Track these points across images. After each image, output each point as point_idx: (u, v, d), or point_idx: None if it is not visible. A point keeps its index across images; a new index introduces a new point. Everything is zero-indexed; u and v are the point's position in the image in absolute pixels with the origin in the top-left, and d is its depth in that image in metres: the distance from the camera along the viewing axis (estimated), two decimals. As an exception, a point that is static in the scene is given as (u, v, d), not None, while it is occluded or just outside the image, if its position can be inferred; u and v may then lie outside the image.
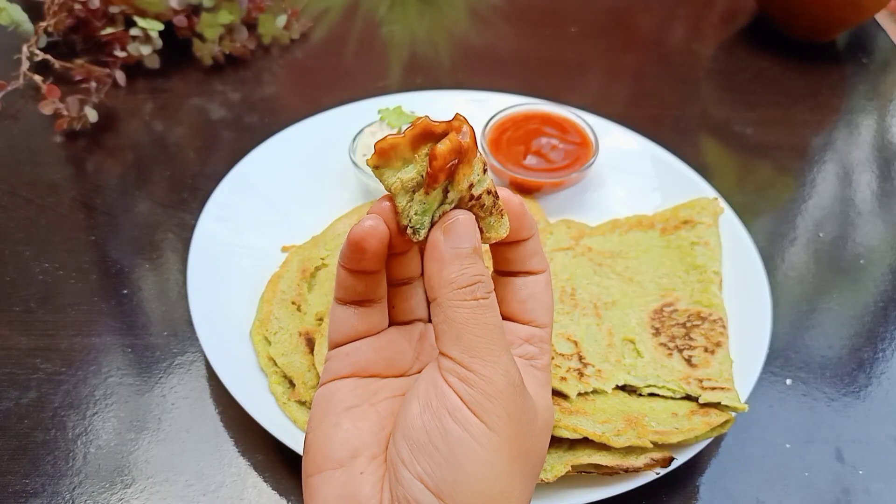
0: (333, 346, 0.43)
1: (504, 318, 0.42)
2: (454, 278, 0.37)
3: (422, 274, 0.41)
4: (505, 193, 0.41)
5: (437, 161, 0.36)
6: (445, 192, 0.38)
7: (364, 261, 0.40)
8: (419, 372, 0.42)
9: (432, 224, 0.39)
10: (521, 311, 0.43)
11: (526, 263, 0.43)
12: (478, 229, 0.39)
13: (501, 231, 0.40)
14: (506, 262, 0.43)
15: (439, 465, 0.35)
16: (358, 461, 0.38)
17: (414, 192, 0.38)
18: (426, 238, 0.39)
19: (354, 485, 0.37)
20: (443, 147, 0.36)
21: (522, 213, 0.42)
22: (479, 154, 0.38)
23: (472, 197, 0.38)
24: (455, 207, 0.39)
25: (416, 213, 0.38)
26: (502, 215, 0.40)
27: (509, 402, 0.36)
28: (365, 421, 0.40)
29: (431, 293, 0.38)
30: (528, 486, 0.39)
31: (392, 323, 0.44)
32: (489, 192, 0.39)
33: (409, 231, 0.39)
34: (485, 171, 0.39)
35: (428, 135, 0.37)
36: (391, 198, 0.39)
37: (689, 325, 0.65)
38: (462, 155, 0.37)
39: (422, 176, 0.37)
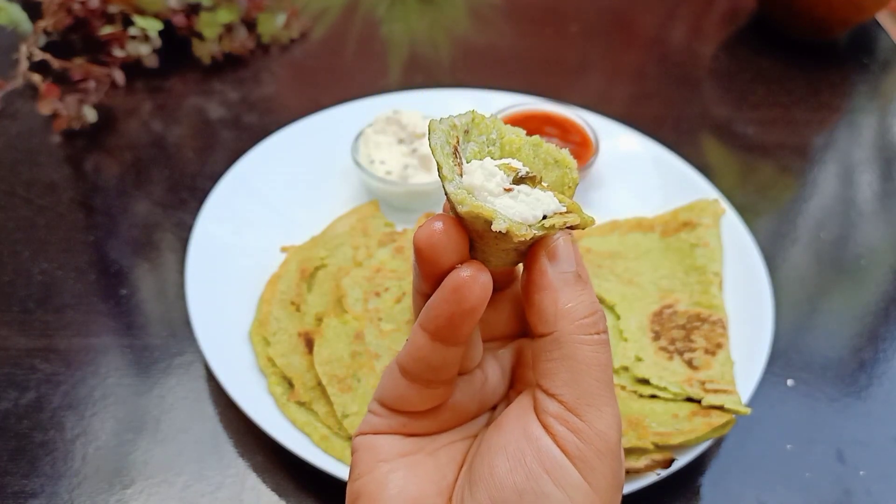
0: (382, 405, 0.37)
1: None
2: (571, 307, 0.33)
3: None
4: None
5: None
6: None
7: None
8: (479, 416, 0.39)
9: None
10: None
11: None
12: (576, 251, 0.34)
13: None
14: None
15: None
16: None
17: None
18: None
19: None
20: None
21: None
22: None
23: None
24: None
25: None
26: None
27: (616, 462, 0.33)
28: (422, 469, 0.36)
29: (546, 326, 0.33)
30: None
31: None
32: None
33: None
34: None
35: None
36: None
37: (689, 326, 0.64)
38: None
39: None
